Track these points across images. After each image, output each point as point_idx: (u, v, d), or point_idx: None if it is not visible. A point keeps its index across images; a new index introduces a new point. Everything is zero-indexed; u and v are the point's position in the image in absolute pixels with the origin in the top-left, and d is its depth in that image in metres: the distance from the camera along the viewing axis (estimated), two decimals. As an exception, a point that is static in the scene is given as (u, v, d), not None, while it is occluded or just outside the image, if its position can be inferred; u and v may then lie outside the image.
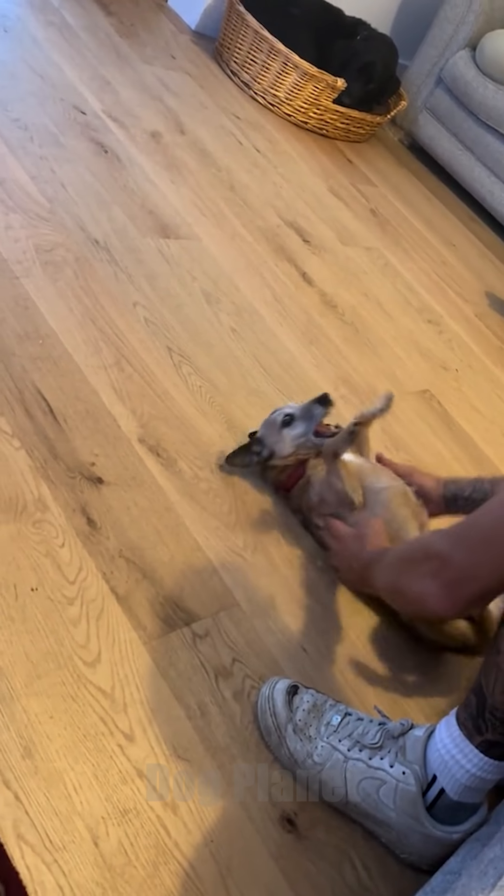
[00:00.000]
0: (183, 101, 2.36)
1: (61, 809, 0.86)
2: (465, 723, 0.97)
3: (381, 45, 2.80)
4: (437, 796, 0.98)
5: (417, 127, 3.12)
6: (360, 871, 0.99)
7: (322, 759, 1.01)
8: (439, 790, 0.97)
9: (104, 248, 1.62)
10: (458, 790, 0.96)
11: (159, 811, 0.91)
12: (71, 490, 1.16)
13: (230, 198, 2.08)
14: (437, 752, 0.98)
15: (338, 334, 1.89)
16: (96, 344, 1.41)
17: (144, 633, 1.06)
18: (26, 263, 1.46)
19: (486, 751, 0.95)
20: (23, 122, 1.81)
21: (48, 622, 1.00)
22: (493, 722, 0.94)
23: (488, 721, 0.94)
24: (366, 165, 2.80)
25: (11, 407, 1.21)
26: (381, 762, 1.00)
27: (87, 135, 1.92)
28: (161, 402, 1.39)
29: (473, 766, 0.95)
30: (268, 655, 1.14)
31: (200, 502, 1.28)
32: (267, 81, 2.65)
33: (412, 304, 2.23)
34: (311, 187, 2.42)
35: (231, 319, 1.69)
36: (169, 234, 1.79)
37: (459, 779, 0.96)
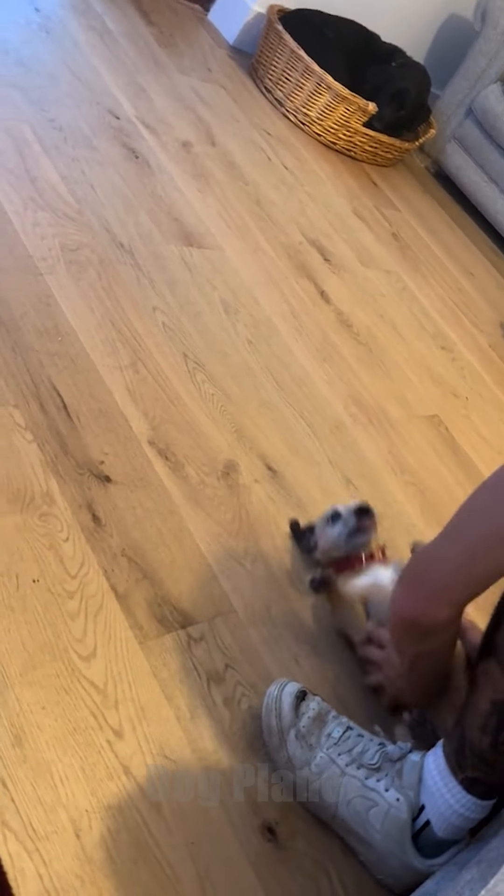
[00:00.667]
0: (216, 113, 2.39)
1: (46, 799, 0.87)
2: (449, 756, 0.97)
3: (414, 73, 2.84)
4: (423, 827, 0.98)
5: (445, 156, 3.15)
6: (336, 885, 0.99)
7: (319, 770, 1.02)
8: (425, 822, 0.98)
9: (128, 251, 1.65)
10: (443, 826, 0.96)
11: (142, 809, 0.92)
12: (79, 486, 1.18)
13: (255, 212, 2.10)
14: (426, 782, 0.98)
15: (351, 353, 1.90)
16: (114, 345, 1.43)
17: (140, 632, 1.07)
18: (51, 261, 1.49)
19: (469, 788, 0.95)
20: (58, 122, 1.84)
21: (47, 614, 1.01)
22: (473, 759, 0.94)
23: (468, 758, 0.94)
24: (391, 190, 2.83)
25: (27, 400, 1.23)
26: (376, 784, 1.00)
27: (120, 139, 1.95)
28: (173, 407, 1.41)
29: (457, 803, 0.95)
30: (261, 664, 1.14)
31: (205, 508, 1.29)
32: (299, 100, 2.68)
33: (427, 329, 2.25)
34: (336, 207, 2.45)
35: (248, 331, 1.71)
36: (193, 242, 1.81)
37: (444, 813, 0.96)
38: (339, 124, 2.71)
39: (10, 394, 1.22)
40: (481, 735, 0.92)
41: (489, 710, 0.91)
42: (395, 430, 1.79)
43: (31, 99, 1.84)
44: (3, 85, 1.82)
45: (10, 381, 1.24)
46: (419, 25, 3.22)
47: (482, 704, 0.92)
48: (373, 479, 1.61)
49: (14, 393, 1.23)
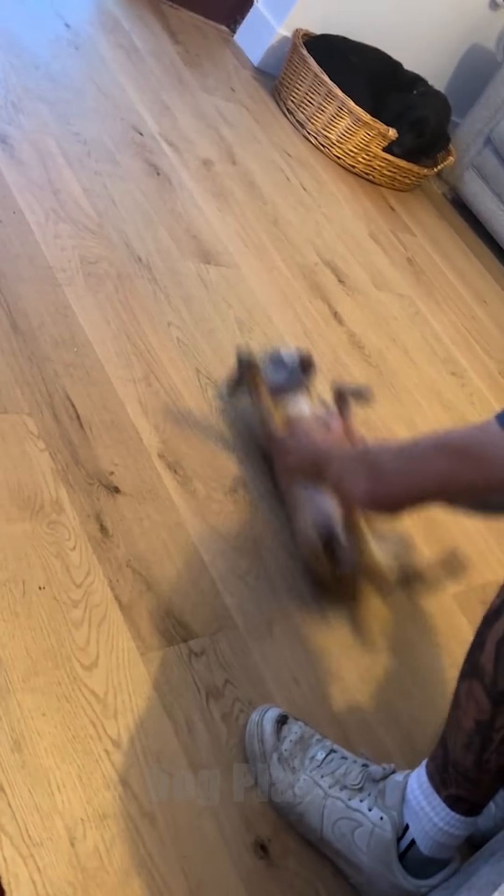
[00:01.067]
0: (237, 132, 2.43)
1: (43, 806, 0.88)
2: (432, 775, 0.97)
3: (435, 102, 2.87)
4: (410, 846, 0.99)
5: (462, 183, 3.18)
6: (327, 906, 0.99)
7: (302, 793, 1.02)
8: (410, 841, 0.98)
9: (146, 266, 1.67)
10: (429, 844, 0.97)
11: (137, 820, 0.92)
12: (88, 496, 1.19)
13: (273, 231, 2.13)
14: (409, 801, 0.98)
15: (362, 375, 1.92)
16: (128, 357, 1.45)
17: (143, 643, 1.08)
18: (70, 272, 1.51)
19: (452, 805, 0.95)
20: (83, 136, 1.87)
21: (51, 621, 1.02)
22: (456, 776, 0.94)
23: (452, 775, 0.95)
24: (407, 215, 2.86)
25: (41, 409, 1.25)
26: (359, 804, 1.00)
27: (142, 155, 1.98)
28: (184, 422, 1.43)
29: (441, 820, 0.96)
30: (259, 681, 1.15)
31: (211, 523, 1.30)
32: (321, 123, 2.72)
33: (438, 354, 2.26)
34: (352, 230, 2.47)
35: (260, 349, 1.73)
36: (210, 259, 1.84)
37: (429, 831, 0.96)
38: (358, 148, 2.74)
39: (24, 402, 1.24)
40: (465, 753, 0.93)
41: (473, 730, 0.92)
42: (402, 453, 1.79)
43: (58, 113, 1.88)
44: (31, 98, 1.85)
45: (26, 390, 1.26)
46: (442, 54, 3.26)
47: (466, 724, 0.93)
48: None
49: (29, 401, 1.25)
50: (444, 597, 1.54)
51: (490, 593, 1.64)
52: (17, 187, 1.58)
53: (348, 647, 1.30)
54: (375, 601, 1.40)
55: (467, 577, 1.62)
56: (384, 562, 1.32)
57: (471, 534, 1.74)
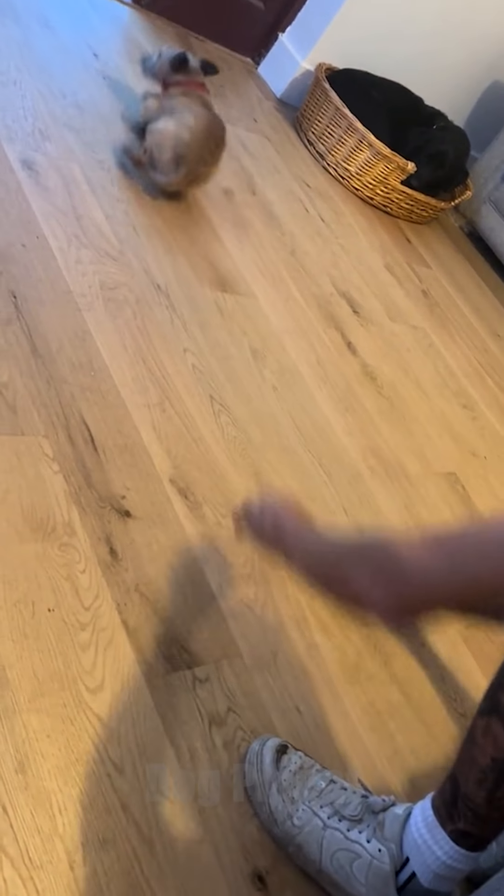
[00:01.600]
0: (259, 163, 2.47)
1: (44, 828, 0.89)
2: (439, 809, 0.98)
3: (455, 136, 2.91)
4: (409, 880, 0.99)
5: (479, 217, 3.22)
6: (322, 940, 0.99)
7: (301, 823, 1.03)
8: (411, 874, 0.98)
9: (164, 293, 1.70)
10: (429, 877, 0.97)
11: (136, 846, 0.93)
12: (99, 519, 1.21)
13: (290, 261, 2.16)
14: (411, 835, 0.99)
15: (373, 406, 1.94)
16: (144, 383, 1.47)
17: (148, 668, 1.09)
18: (90, 298, 1.54)
19: (458, 840, 0.95)
20: (107, 164, 1.91)
21: (59, 644, 1.04)
22: (466, 812, 0.95)
23: (461, 810, 0.95)
24: (424, 247, 2.89)
25: (56, 431, 1.27)
26: (358, 835, 1.01)
27: (165, 184, 2.02)
28: (196, 447, 1.45)
29: (444, 854, 0.96)
30: (262, 710, 1.16)
31: (219, 549, 1.32)
32: (341, 155, 2.76)
33: (450, 386, 2.28)
34: (369, 261, 2.50)
35: (274, 377, 1.75)
36: (227, 288, 1.87)
37: (430, 865, 0.97)
38: (377, 180, 2.78)
39: (41, 424, 1.26)
40: (477, 789, 0.93)
41: (489, 766, 0.93)
42: (411, 484, 1.81)
43: (84, 141, 1.92)
44: (58, 126, 1.90)
45: (42, 412, 1.28)
46: (462, 90, 3.31)
47: (481, 760, 0.94)
48: (386, 532, 1.62)
49: (45, 423, 1.27)
50: (450, 631, 1.54)
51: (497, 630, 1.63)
52: (41, 213, 1.62)
53: (351, 678, 1.30)
54: (381, 633, 1.41)
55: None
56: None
57: (478, 568, 1.75)
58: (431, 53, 3.09)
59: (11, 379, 1.28)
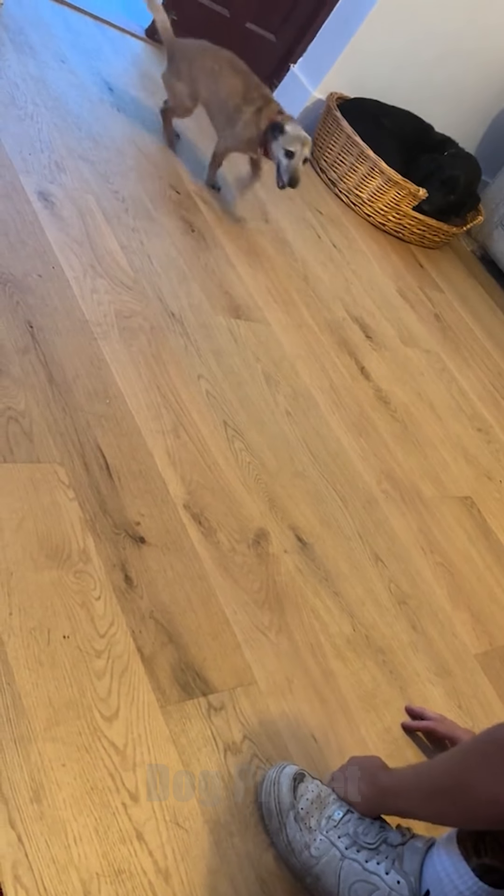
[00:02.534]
0: (271, 191, 2.50)
1: (59, 858, 0.88)
2: (464, 842, 0.96)
3: (466, 163, 2.94)
4: (427, 913, 0.97)
5: (491, 241, 3.23)
6: None
7: (319, 853, 1.01)
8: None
9: (178, 320, 1.72)
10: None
11: (152, 877, 0.92)
12: (114, 546, 1.22)
13: (302, 288, 2.18)
14: (433, 868, 0.97)
15: (387, 430, 1.94)
16: (158, 409, 1.49)
17: (163, 696, 1.09)
18: (105, 326, 1.56)
19: (482, 875, 0.94)
20: (121, 194, 1.94)
21: (74, 671, 1.04)
22: (493, 845, 0.93)
23: (488, 844, 0.94)
24: (436, 272, 2.90)
25: (72, 459, 1.28)
26: (377, 867, 0.99)
27: (178, 213, 2.05)
28: (210, 473, 1.45)
29: (467, 889, 0.94)
30: (278, 738, 1.15)
31: (233, 575, 1.32)
32: (352, 182, 2.79)
33: (464, 410, 2.27)
34: (381, 286, 2.52)
35: (287, 402, 1.76)
36: (240, 315, 1.88)
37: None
38: (389, 207, 2.80)
39: (56, 451, 1.28)
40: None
41: None
42: (427, 509, 1.80)
43: (99, 171, 1.95)
44: (73, 157, 1.93)
45: (58, 440, 1.29)
46: (472, 117, 3.34)
47: None
48: (402, 557, 1.62)
49: (60, 451, 1.28)
50: (467, 657, 1.52)
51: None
52: (57, 243, 1.65)
53: (368, 705, 1.29)
54: (397, 660, 1.40)
55: (490, 638, 1.61)
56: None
57: (496, 594, 1.73)
58: (440, 81, 3.13)
59: (28, 407, 1.30)
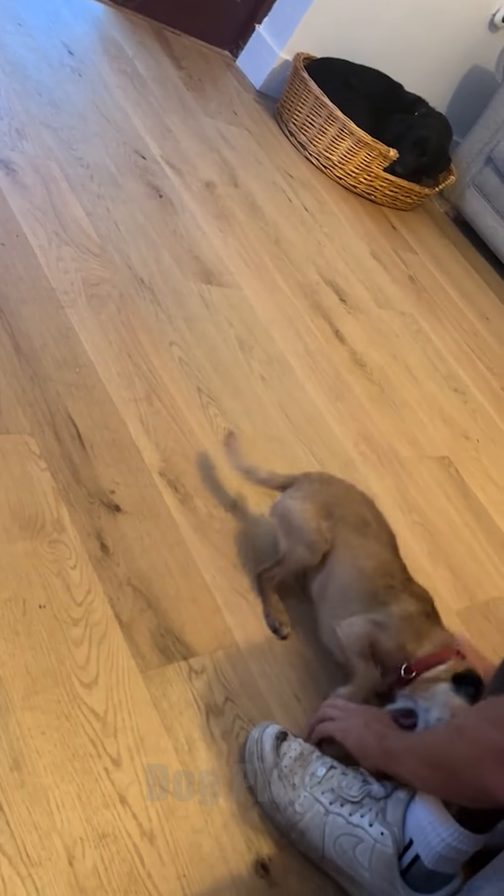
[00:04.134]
0: (240, 155, 2.46)
1: (42, 825, 0.88)
2: None
3: (437, 123, 2.90)
4: (413, 861, 0.98)
5: (463, 201, 3.21)
6: (328, 926, 0.99)
7: (303, 810, 1.02)
8: (415, 856, 0.98)
9: (148, 287, 1.69)
10: (433, 858, 0.97)
11: (136, 839, 0.92)
12: (89, 515, 1.20)
13: (274, 252, 2.15)
14: (416, 817, 0.98)
15: (364, 392, 1.93)
16: (130, 378, 1.46)
17: (143, 661, 1.08)
18: (73, 294, 1.53)
19: (463, 821, 0.95)
20: (86, 161, 1.90)
21: (52, 640, 1.03)
22: None
23: None
24: (409, 233, 2.88)
25: (42, 429, 1.26)
26: (360, 819, 1.00)
27: (145, 178, 2.01)
28: (185, 440, 1.44)
29: (449, 835, 0.96)
30: (260, 699, 1.15)
31: (211, 540, 1.31)
32: (322, 144, 2.75)
33: (440, 371, 2.27)
34: (354, 249, 2.49)
35: (262, 368, 1.74)
36: (212, 280, 1.86)
37: (435, 846, 0.96)
38: (360, 169, 2.77)
39: (26, 422, 1.26)
40: None
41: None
42: (404, 469, 1.80)
43: (61, 138, 1.91)
44: (34, 124, 1.88)
45: (28, 410, 1.27)
46: (442, 76, 3.30)
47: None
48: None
49: (31, 421, 1.26)
50: (449, 614, 1.53)
51: (493, 610, 1.64)
52: (20, 212, 1.61)
53: (350, 664, 1.30)
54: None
55: (470, 594, 1.62)
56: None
57: (475, 551, 1.74)
58: (410, 39, 3.08)
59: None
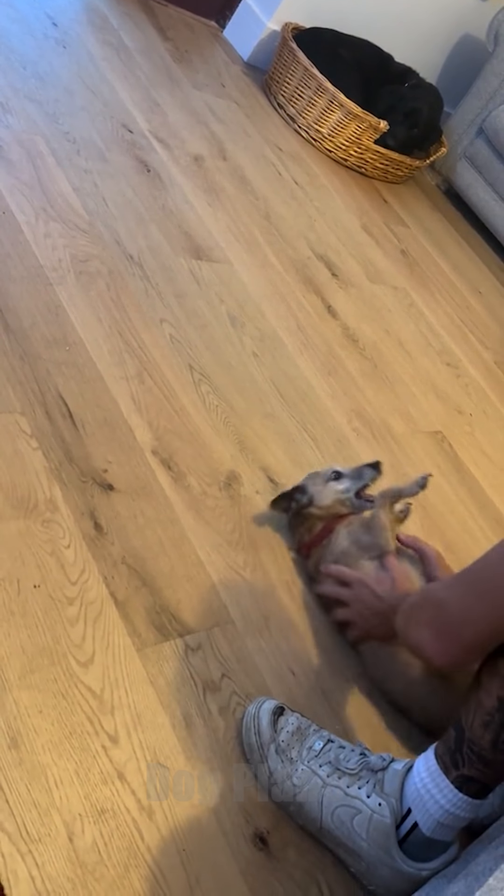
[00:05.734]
0: (228, 128, 2.42)
1: (41, 802, 0.88)
2: (442, 756, 0.98)
3: (427, 94, 2.87)
4: (410, 830, 0.99)
5: (455, 174, 3.18)
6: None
7: (300, 783, 1.03)
8: (412, 824, 0.99)
9: (137, 263, 1.67)
10: (431, 826, 0.98)
11: (135, 814, 0.93)
12: (82, 494, 1.20)
13: (264, 226, 2.13)
14: (414, 786, 0.99)
15: (356, 368, 1.92)
16: (121, 355, 1.45)
17: (139, 639, 1.08)
18: (61, 271, 1.51)
19: (461, 786, 0.96)
20: (72, 135, 1.87)
21: (47, 619, 1.03)
22: (470, 756, 0.95)
23: (465, 755, 0.96)
24: (401, 206, 2.86)
25: (33, 408, 1.25)
26: (358, 791, 1.01)
27: (132, 153, 1.98)
28: (177, 417, 1.43)
29: (447, 802, 0.97)
30: (257, 674, 1.16)
31: (205, 518, 1.31)
32: (312, 117, 2.71)
33: (433, 345, 2.26)
34: (345, 223, 2.47)
35: (254, 344, 1.73)
36: (201, 255, 1.84)
37: (433, 814, 0.97)
38: (350, 141, 2.73)
39: (16, 401, 1.24)
40: (483, 732, 0.94)
41: (495, 707, 0.94)
42: (398, 444, 1.80)
43: (47, 112, 1.87)
44: (19, 98, 1.85)
45: (18, 389, 1.26)
46: (433, 46, 3.25)
47: (487, 702, 0.95)
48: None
49: (21, 400, 1.25)
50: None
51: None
52: (6, 187, 1.58)
53: (343, 639, 1.30)
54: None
55: (465, 568, 1.62)
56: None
57: (469, 525, 1.75)
58: (400, 8, 3.03)
59: (-16, 357, 1.26)
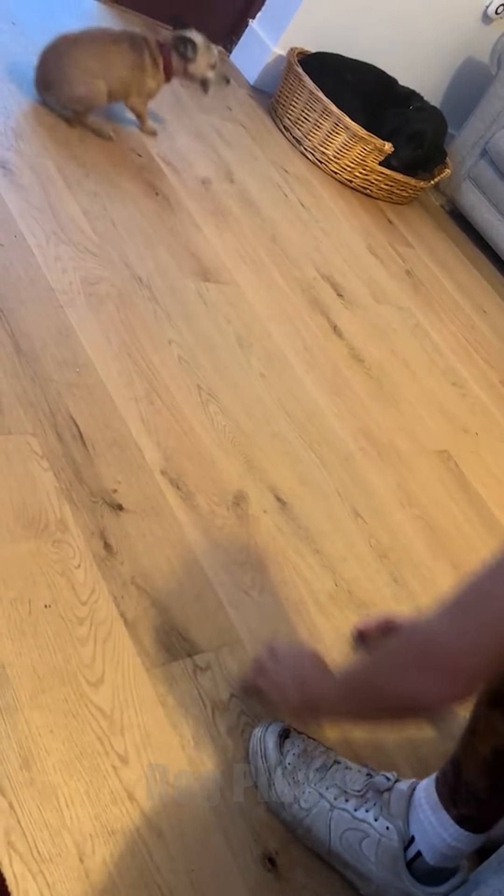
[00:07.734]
0: (235, 151, 2.46)
1: (52, 822, 0.89)
2: (442, 792, 0.98)
3: (432, 116, 2.90)
4: (416, 856, 0.99)
5: (459, 194, 3.21)
6: (336, 918, 1.00)
7: (308, 805, 1.03)
8: (417, 851, 0.99)
9: (146, 285, 1.69)
10: (435, 856, 0.98)
11: (145, 835, 0.93)
12: (92, 514, 1.21)
13: (271, 248, 2.15)
14: (417, 816, 0.99)
15: (363, 388, 1.93)
16: (130, 376, 1.47)
17: (148, 659, 1.09)
18: (71, 294, 1.53)
19: (462, 823, 0.96)
20: (82, 159, 1.90)
21: (57, 639, 1.04)
22: (468, 798, 0.96)
23: (463, 796, 0.96)
24: (405, 227, 2.88)
25: (44, 429, 1.27)
26: (365, 814, 1.01)
27: (142, 176, 2.01)
28: (186, 438, 1.44)
29: (449, 837, 0.97)
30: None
31: (214, 538, 1.32)
32: (317, 139, 2.75)
33: (438, 365, 2.28)
34: (350, 244, 2.50)
35: (261, 364, 1.75)
36: (209, 277, 1.86)
37: (436, 846, 0.97)
38: (355, 163, 2.77)
39: (28, 422, 1.26)
40: (479, 777, 0.95)
41: (489, 756, 0.94)
42: (404, 464, 1.81)
43: (57, 138, 1.91)
44: (30, 123, 1.88)
45: (29, 410, 1.28)
46: (436, 69, 3.30)
47: (482, 750, 0.95)
48: (381, 512, 1.63)
49: (32, 421, 1.27)
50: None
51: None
52: (18, 211, 1.61)
53: (352, 658, 1.30)
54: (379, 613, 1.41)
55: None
56: None
57: (476, 545, 1.75)
58: (403, 33, 3.07)
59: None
